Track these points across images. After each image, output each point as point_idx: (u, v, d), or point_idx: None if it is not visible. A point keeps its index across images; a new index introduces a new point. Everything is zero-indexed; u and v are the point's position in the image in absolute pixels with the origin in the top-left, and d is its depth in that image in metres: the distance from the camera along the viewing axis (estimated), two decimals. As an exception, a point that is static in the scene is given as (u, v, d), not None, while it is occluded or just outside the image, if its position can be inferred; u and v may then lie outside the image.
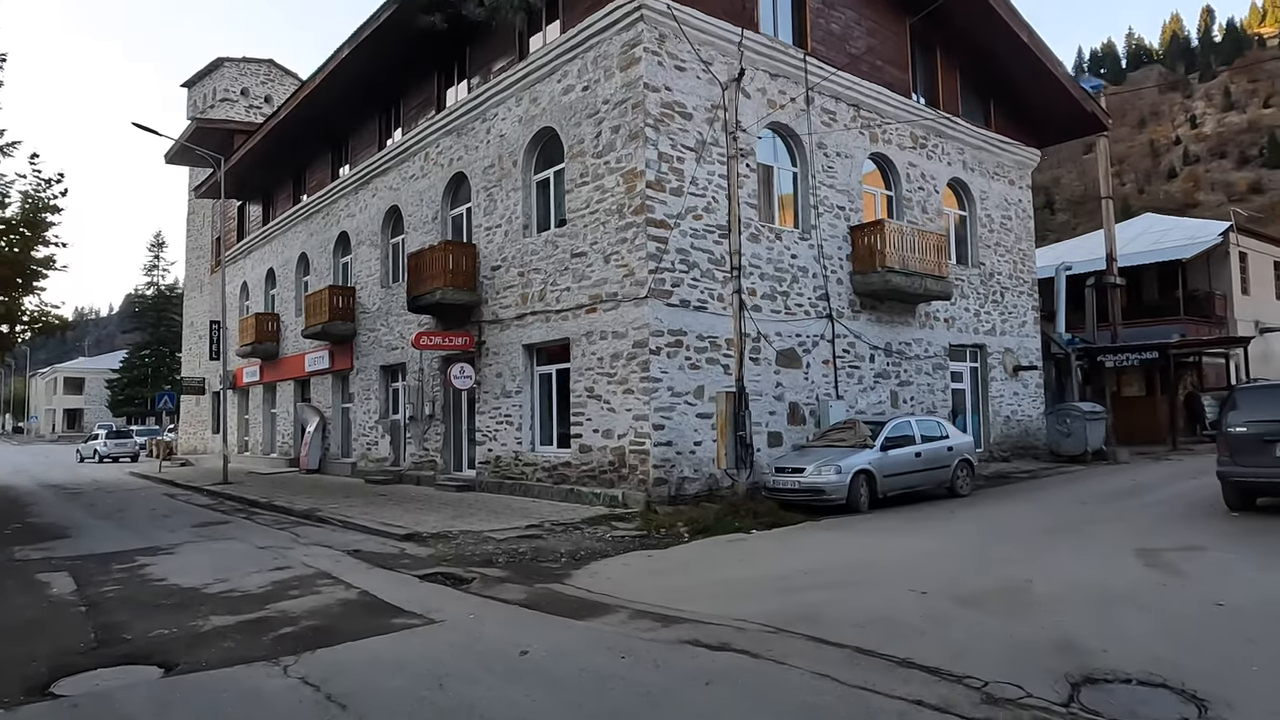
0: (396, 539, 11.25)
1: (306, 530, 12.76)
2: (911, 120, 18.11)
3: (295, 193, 26.96)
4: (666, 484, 13.03)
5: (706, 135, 14.17)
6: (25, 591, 8.55)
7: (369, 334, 21.60)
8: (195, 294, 39.53)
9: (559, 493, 14.40)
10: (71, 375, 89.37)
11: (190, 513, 16.08)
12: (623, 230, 13.59)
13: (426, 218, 19.22)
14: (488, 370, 16.78)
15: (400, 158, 20.23)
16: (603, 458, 13.76)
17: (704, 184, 14.04)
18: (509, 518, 12.54)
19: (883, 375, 16.96)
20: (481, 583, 8.35)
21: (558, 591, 7.89)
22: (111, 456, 38.59)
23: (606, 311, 13.83)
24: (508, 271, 16.31)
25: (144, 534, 12.93)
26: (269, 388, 28.72)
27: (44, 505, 18.31)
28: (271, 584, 8.52)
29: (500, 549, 10.14)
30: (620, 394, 13.49)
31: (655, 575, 8.67)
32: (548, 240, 15.33)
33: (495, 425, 16.51)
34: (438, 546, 10.56)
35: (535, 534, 11.13)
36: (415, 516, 13.04)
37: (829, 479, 12.23)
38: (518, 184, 16.17)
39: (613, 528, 11.57)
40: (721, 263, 14.20)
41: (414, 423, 19.27)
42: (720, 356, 14.05)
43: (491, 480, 16.34)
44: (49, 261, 19.93)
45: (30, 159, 18.98)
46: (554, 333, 15.01)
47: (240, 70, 38.88)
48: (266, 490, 18.91)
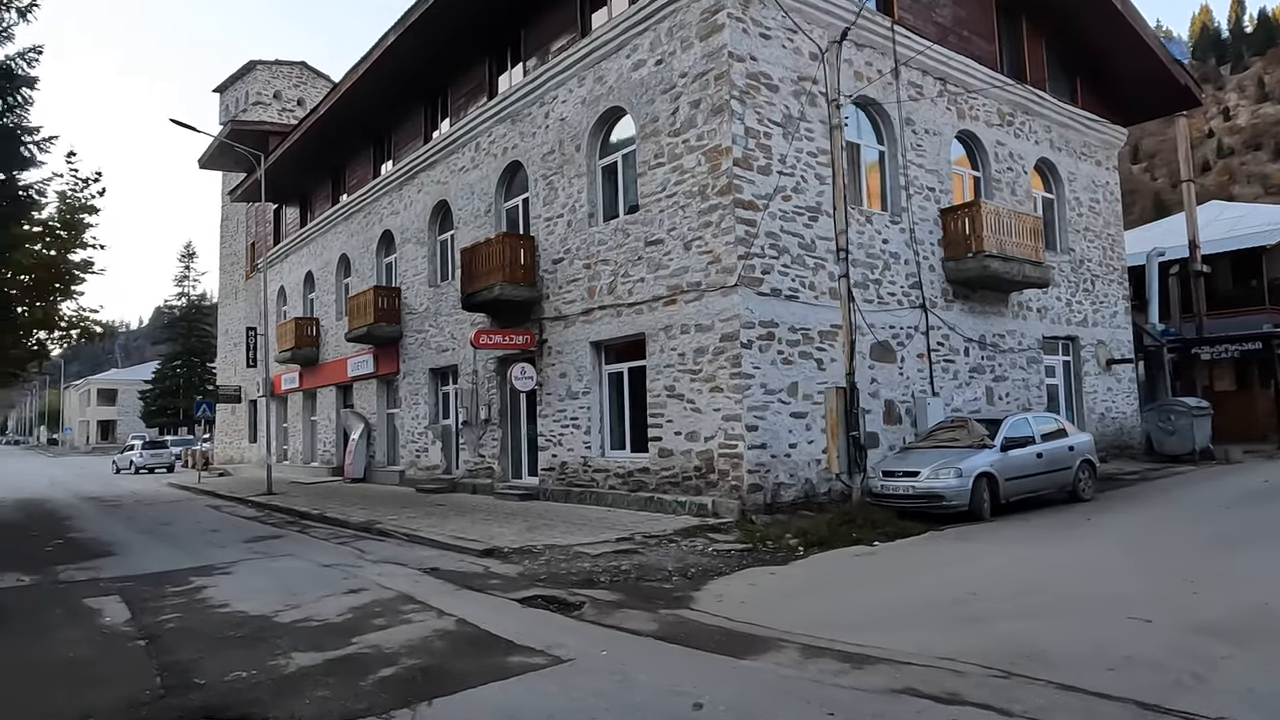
0: (475, 555, 10.13)
1: (369, 545, 11.69)
2: (1000, 95, 16.81)
3: (334, 193, 26.10)
4: (761, 491, 11.83)
5: (794, 109, 12.99)
6: (74, 621, 7.52)
7: (416, 336, 20.60)
8: (230, 301, 38.91)
9: (636, 501, 13.24)
10: (105, 387, 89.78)
11: (239, 526, 15.10)
12: (706, 214, 12.43)
13: (478, 211, 18.18)
14: (550, 370, 15.67)
15: (448, 149, 19.23)
16: (687, 462, 12.58)
17: (792, 162, 12.85)
18: (591, 530, 11.39)
19: (977, 370, 15.65)
20: (594, 608, 7.20)
21: (690, 619, 6.71)
22: (147, 468, 38.01)
23: (688, 303, 12.67)
24: (571, 264, 15.21)
25: (194, 551, 11.94)
26: (309, 395, 27.87)
27: (84, 519, 17.44)
28: (350, 611, 7.42)
29: (598, 566, 8.99)
30: (707, 392, 12.31)
31: (792, 597, 7.47)
32: (617, 229, 14.20)
33: (560, 429, 15.39)
34: (524, 564, 9.42)
35: (629, 548, 9.96)
36: (486, 529, 11.93)
37: (949, 483, 10.97)
38: (581, 170, 15.06)
39: (711, 540, 10.39)
40: (812, 248, 13.01)
41: (467, 428, 18.22)
42: (814, 350, 12.83)
43: (557, 488, 15.22)
44: (86, 265, 19.19)
45: (67, 157, 18.24)
46: (626, 328, 13.87)
47: (272, 73, 38.27)
48: (314, 501, 17.92)
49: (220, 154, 33.12)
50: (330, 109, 22.24)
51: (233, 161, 33.63)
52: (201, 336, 75.30)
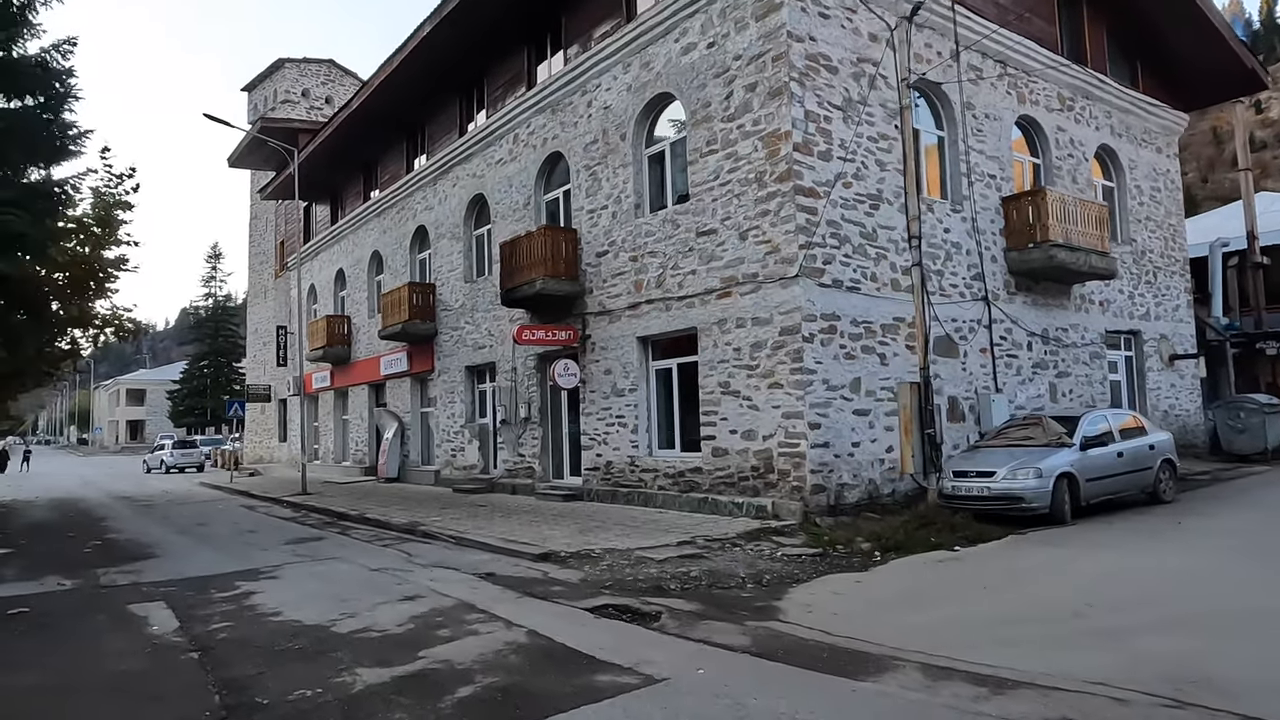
0: (530, 559, 9.64)
1: (416, 548, 11.24)
2: (1059, 79, 16.11)
3: (365, 189, 25.78)
4: (824, 492, 11.25)
5: (854, 92, 12.40)
6: (120, 630, 7.11)
7: (451, 333, 20.19)
8: (259, 300, 38.82)
9: (689, 502, 12.70)
10: (133, 387, 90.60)
11: (277, 527, 14.74)
12: (763, 201, 11.87)
13: (517, 204, 17.72)
14: (594, 367, 15.17)
15: (485, 142, 18.79)
16: (743, 462, 12.03)
17: (852, 147, 12.26)
18: (647, 533, 10.87)
19: (1040, 365, 14.96)
20: (673, 619, 6.67)
21: (784, 633, 6.17)
22: (178, 467, 37.97)
23: (744, 295, 12.11)
24: (616, 257, 14.70)
25: (235, 553, 11.55)
26: (340, 393, 27.59)
27: (119, 519, 17.18)
28: (411, 620, 6.95)
29: (664, 572, 8.46)
30: (765, 389, 11.75)
31: (888, 608, 6.90)
32: (666, 219, 13.67)
33: (605, 428, 14.89)
34: (585, 569, 8.92)
35: (694, 553, 9.43)
36: (535, 531, 11.45)
37: (1028, 484, 10.34)
38: (627, 159, 14.55)
39: (777, 544, 9.83)
40: (874, 237, 12.42)
41: (506, 427, 17.76)
42: (876, 345, 12.24)
43: (602, 489, 14.72)
44: (120, 262, 18.92)
45: (101, 153, 17.96)
46: (676, 322, 13.34)
47: (301, 71, 38.12)
48: (351, 501, 17.55)
49: (250, 152, 33.03)
50: (363, 103, 21.88)
51: (262, 160, 33.55)
52: (228, 337, 75.76)
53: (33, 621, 7.51)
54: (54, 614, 7.83)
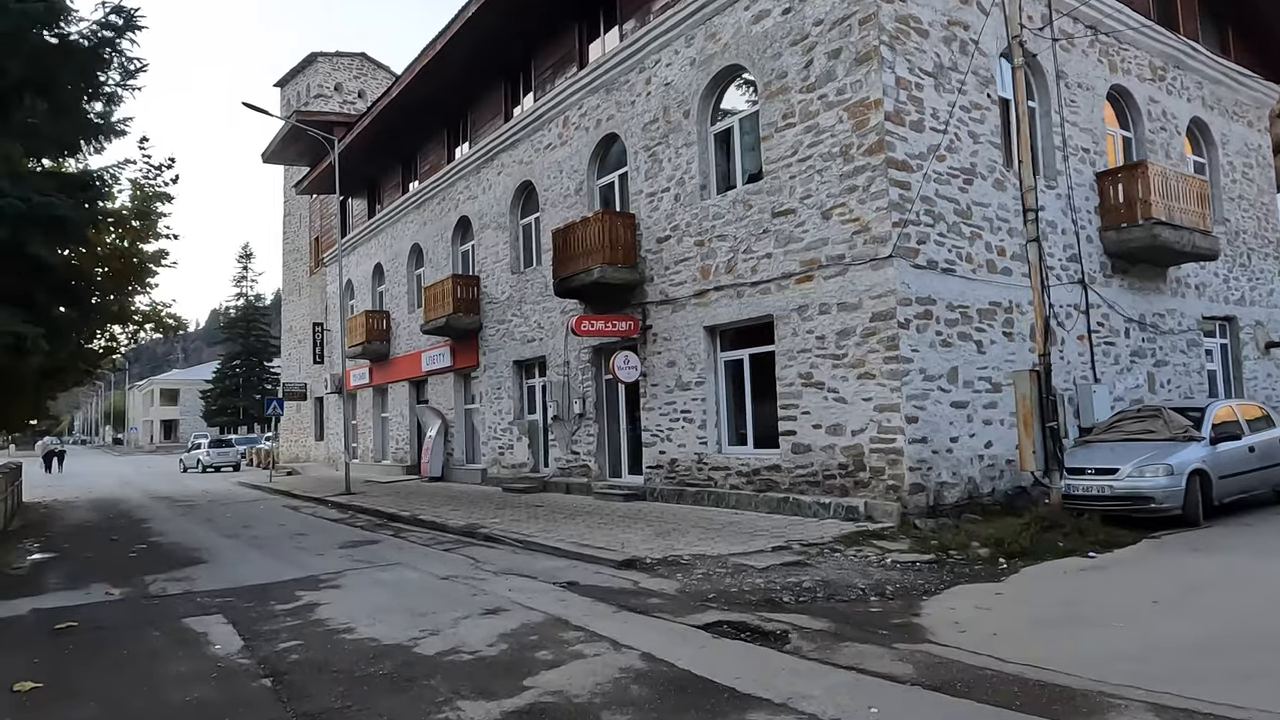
0: (612, 566, 8.82)
1: (480, 552, 10.48)
2: (1151, 47, 15.01)
3: (404, 181, 25.14)
4: (923, 491, 10.33)
5: (944, 58, 11.44)
6: (179, 649, 6.38)
7: (497, 326, 19.45)
8: (294, 297, 38.42)
9: (766, 503, 11.83)
10: (167, 387, 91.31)
11: (326, 529, 14.07)
12: (850, 177, 10.95)
13: (568, 190, 16.92)
14: (656, 359, 14.34)
15: (532, 126, 18.01)
16: (828, 459, 11.13)
17: (944, 117, 11.30)
18: (731, 536, 10.02)
19: (1138, 354, 13.91)
20: (805, 640, 5.82)
21: (945, 657, 5.28)
22: (214, 466, 37.74)
23: (829, 279, 11.21)
24: (680, 242, 13.84)
25: (288, 558, 10.86)
26: (379, 390, 27.01)
27: (161, 521, 16.63)
28: (502, 639, 6.15)
29: (772, 583, 7.60)
30: (854, 379, 10.84)
31: (1053, 628, 5.99)
32: (736, 200, 12.80)
33: (668, 424, 14.05)
34: (678, 578, 8.08)
35: (794, 559, 8.56)
36: (608, 534, 10.63)
37: (1157, 483, 9.35)
38: (691, 137, 13.69)
39: (882, 550, 8.94)
40: (968, 214, 11.46)
41: (558, 423, 16.99)
42: (972, 331, 11.28)
43: (667, 488, 13.89)
44: (160, 256, 18.39)
45: (140, 143, 17.47)
46: (749, 310, 12.46)
47: (333, 65, 37.62)
48: (398, 501, 16.87)
49: (284, 147, 32.54)
50: (404, 90, 21.21)
51: (296, 155, 33.05)
52: (259, 336, 75.98)
53: (84, 638, 6.81)
54: (105, 628, 7.13)
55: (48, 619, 7.54)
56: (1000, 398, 11.43)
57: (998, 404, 11.39)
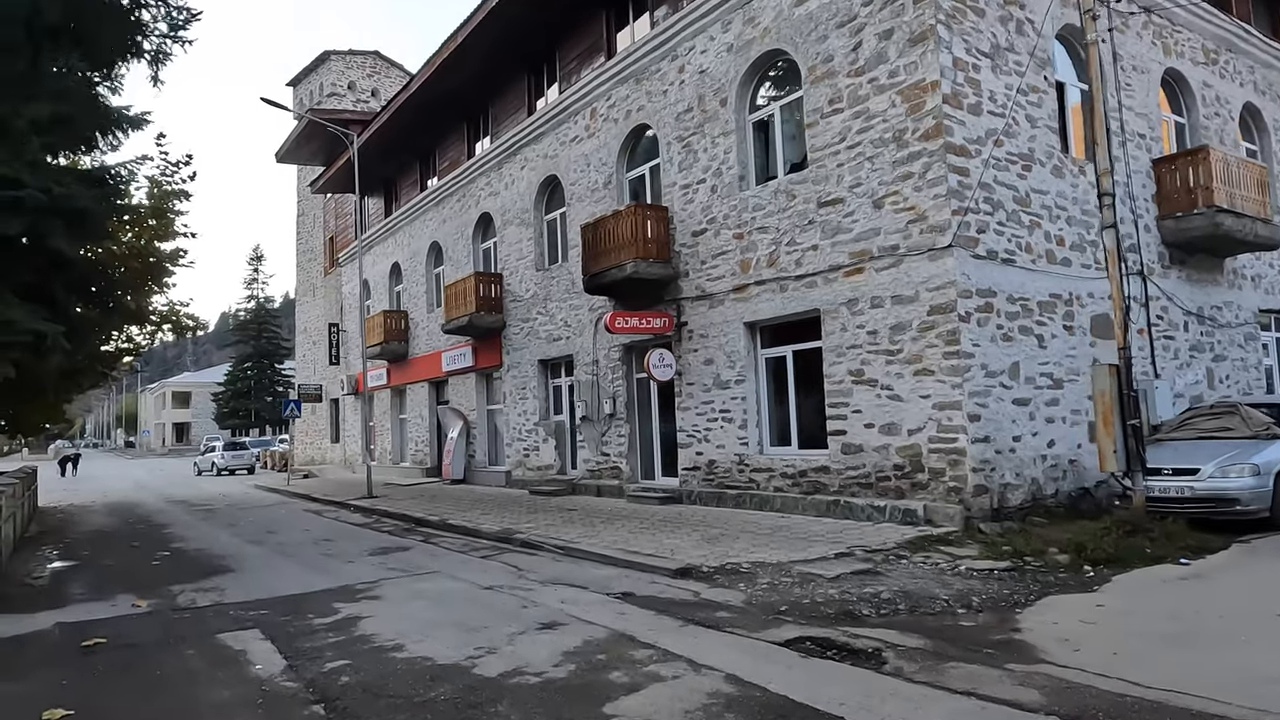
0: (666, 575, 8.32)
1: (520, 560, 9.99)
2: (1204, 29, 14.43)
3: (422, 178, 24.71)
4: (987, 493, 9.80)
5: (1001, 38, 10.90)
6: (218, 669, 5.91)
7: (522, 325, 18.98)
8: (307, 299, 38.06)
9: (814, 506, 11.32)
10: (179, 389, 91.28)
11: (353, 535, 13.61)
12: (904, 163, 10.43)
13: (595, 184, 16.44)
14: (692, 357, 13.84)
15: (558, 119, 17.53)
16: (882, 460, 10.61)
17: (1002, 101, 10.76)
18: (785, 542, 9.50)
19: (1197, 348, 13.33)
20: (903, 659, 5.30)
21: (1072, 681, 4.75)
22: (229, 469, 37.45)
23: (881, 270, 10.69)
24: (718, 235, 13.34)
25: (318, 566, 10.40)
26: (397, 391, 26.59)
27: (182, 526, 16.21)
28: (566, 658, 5.66)
29: (847, 593, 7.09)
30: (909, 376, 10.32)
31: (1177, 644, 5.45)
32: (778, 190, 12.28)
33: (706, 424, 13.55)
34: (741, 588, 7.58)
35: (862, 567, 8.04)
36: (653, 540, 10.13)
37: (1243, 483, 8.81)
38: (729, 126, 13.18)
39: (951, 557, 8.42)
40: (1026, 202, 10.92)
41: (587, 424, 16.50)
42: (1033, 325, 10.74)
43: (705, 490, 13.38)
44: (177, 255, 17.98)
45: (156, 139, 17.03)
46: (794, 305, 11.95)
47: (346, 63, 37.26)
48: (423, 505, 16.41)
49: (298, 146, 32.18)
50: (423, 85, 20.78)
51: (310, 154, 32.70)
52: (271, 338, 75.81)
53: (114, 657, 6.35)
54: (136, 645, 6.67)
55: (74, 635, 7.08)
56: (1062, 395, 10.89)
57: (1059, 401, 10.86)
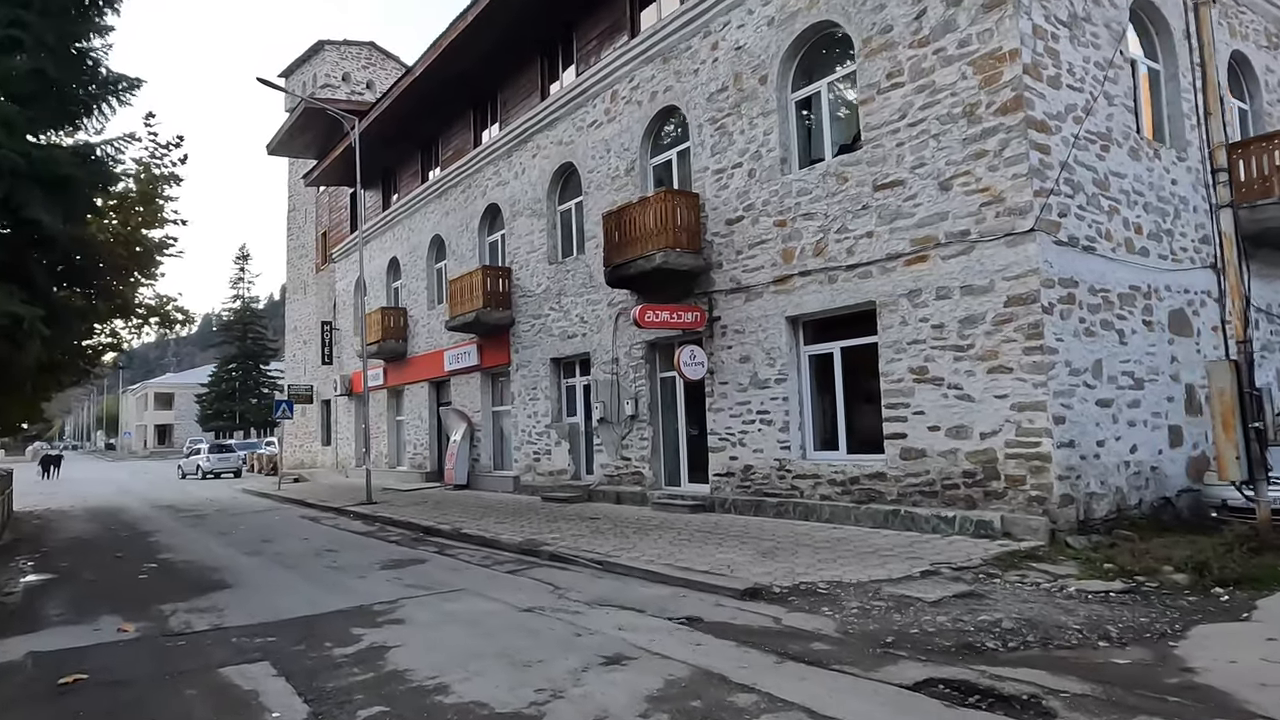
0: (731, 596, 7.31)
1: (553, 576, 8.96)
2: (1266, 11, 13.64)
3: (424, 169, 23.64)
4: (1073, 504, 8.86)
5: (1077, 6, 10.00)
6: (226, 717, 4.85)
7: (532, 321, 17.94)
8: (298, 296, 36.83)
9: (870, 516, 10.35)
10: (161, 390, 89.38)
11: (358, 545, 12.52)
12: (976, 140, 9.50)
13: (616, 171, 15.45)
14: (725, 354, 12.87)
15: (574, 103, 16.54)
16: (949, 466, 9.66)
17: (1080, 74, 9.87)
18: (856, 558, 8.53)
19: (1267, 347, 12.48)
20: (1075, 710, 4.32)
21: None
22: (214, 472, 36.10)
23: (949, 259, 9.75)
24: (756, 223, 12.38)
25: (326, 581, 9.33)
26: (394, 392, 25.45)
27: (169, 534, 15.06)
28: (651, 704, 4.66)
29: (958, 621, 6.10)
30: (983, 374, 9.38)
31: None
32: (827, 174, 11.33)
33: (741, 426, 12.57)
34: (828, 613, 6.58)
35: (961, 590, 7.06)
36: (700, 553, 9.12)
37: (1371, 494, 7.89)
38: (770, 105, 12.23)
39: (1051, 576, 7.46)
40: (1105, 185, 10.02)
41: (605, 426, 15.49)
42: (1113, 318, 9.83)
43: (741, 498, 12.40)
44: (165, 243, 16.83)
45: (145, 119, 15.88)
46: (844, 297, 11.00)
47: (341, 54, 36.12)
48: (428, 512, 15.33)
49: (291, 138, 31.08)
50: (428, 69, 19.72)
51: (303, 146, 31.60)
52: (257, 339, 74.28)
53: (97, 699, 5.29)
54: (124, 683, 5.61)
55: (50, 667, 6.01)
56: (1143, 395, 9.99)
57: (1140, 403, 9.95)
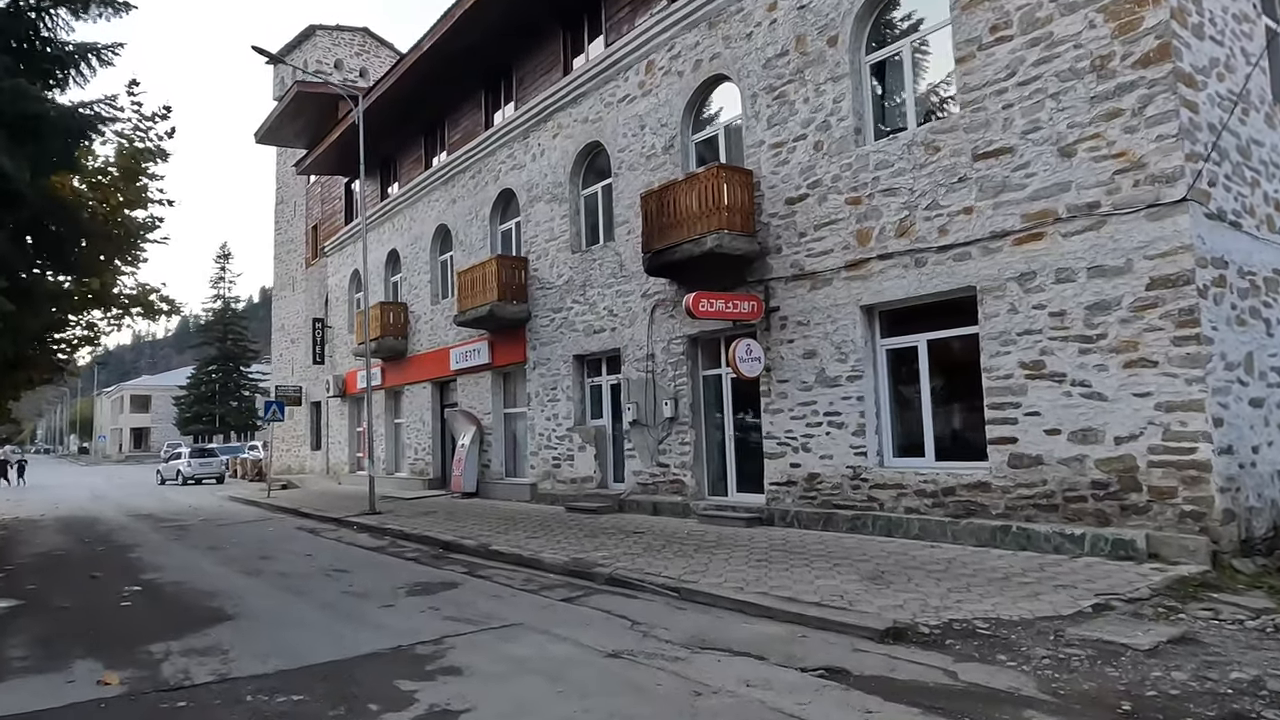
0: (866, 637, 5.90)
1: (621, 605, 7.52)
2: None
3: (428, 154, 22.13)
4: (1235, 521, 7.55)
5: (1215, -52, 8.75)
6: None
7: (552, 315, 16.50)
8: (286, 293, 35.11)
9: (970, 533, 9.00)
10: (138, 393, 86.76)
11: (372, 564, 11.00)
12: (1109, 98, 8.20)
13: (652, 149, 14.06)
14: (786, 349, 11.50)
15: (603, 76, 15.15)
16: (1074, 476, 8.33)
17: (1220, 26, 8.61)
18: (990, 585, 7.16)
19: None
20: None
21: None
22: (196, 478, 34.27)
23: (1072, 235, 8.43)
24: (823, 201, 11.03)
25: (346, 612, 7.83)
26: (392, 393, 23.87)
27: (152, 549, 13.45)
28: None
29: (1203, 678, 4.74)
30: (1116, 368, 8.06)
31: None
32: (912, 143, 10.00)
33: (805, 429, 11.20)
34: (1008, 662, 5.19)
35: (1176, 632, 5.70)
36: (790, 577, 7.72)
37: None
38: (840, 69, 10.90)
39: (1249, 611, 6.14)
40: (1248, 154, 8.76)
41: (638, 429, 14.07)
42: (1260, 305, 8.56)
43: (806, 510, 11.02)
44: (150, 225, 15.23)
45: (128, 87, 14.27)
46: (934, 282, 9.66)
47: (334, 39, 34.51)
48: (442, 523, 13.83)
49: (281, 124, 29.47)
50: (436, 43, 18.25)
51: (294, 134, 29.99)
52: (237, 340, 72.14)
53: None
54: (107, 775, 4.12)
55: (5, 747, 4.51)
56: (1288, 394, 8.72)
57: (1286, 403, 8.68)
